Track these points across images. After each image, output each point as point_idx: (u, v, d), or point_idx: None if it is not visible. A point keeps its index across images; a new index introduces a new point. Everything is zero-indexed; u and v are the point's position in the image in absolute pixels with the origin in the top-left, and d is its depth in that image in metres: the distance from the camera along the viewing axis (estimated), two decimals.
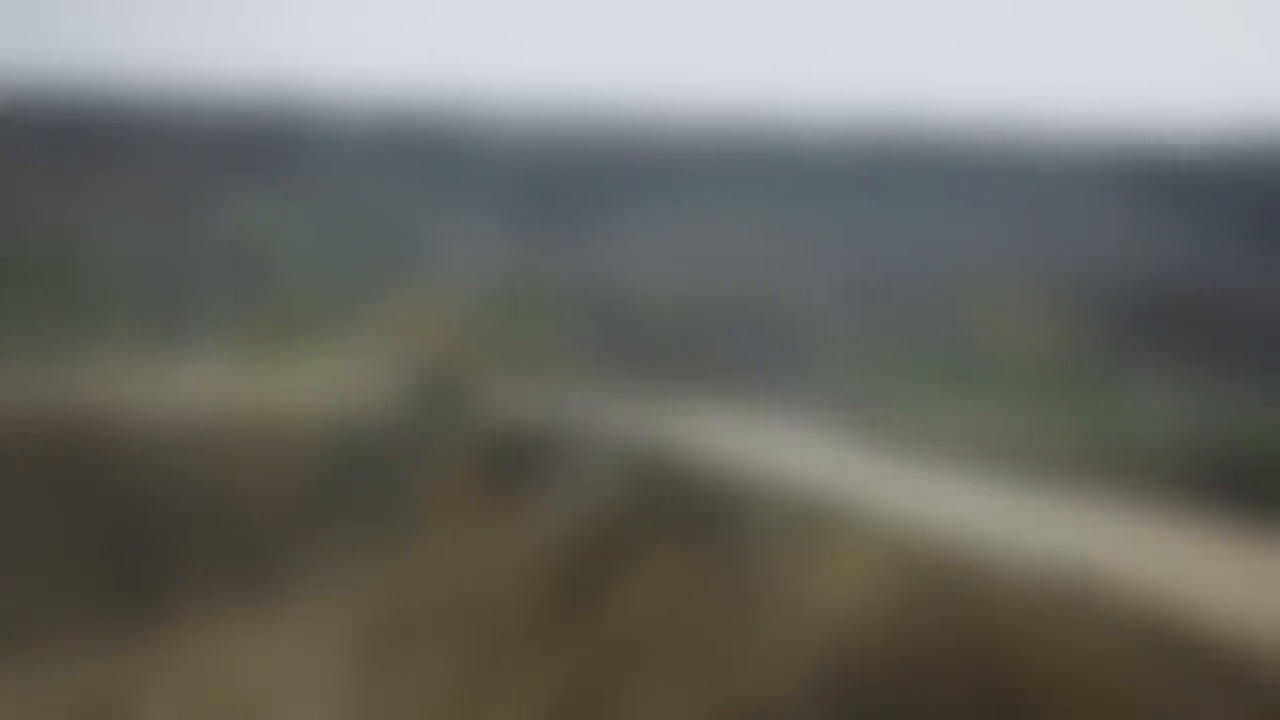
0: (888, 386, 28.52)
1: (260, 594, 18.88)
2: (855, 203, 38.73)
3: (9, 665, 17.14)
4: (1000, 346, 31.61)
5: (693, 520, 17.39)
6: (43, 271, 28.03)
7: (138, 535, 19.52)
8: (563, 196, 37.34)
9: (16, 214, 29.45)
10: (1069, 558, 16.15)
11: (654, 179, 39.10)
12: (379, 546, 19.43)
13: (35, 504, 19.96)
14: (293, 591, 19.12)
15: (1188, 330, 30.73)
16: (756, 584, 15.47)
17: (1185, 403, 27.22)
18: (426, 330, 25.79)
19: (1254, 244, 35.51)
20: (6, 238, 27.85)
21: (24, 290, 27.50)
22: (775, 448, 20.19)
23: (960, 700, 14.30)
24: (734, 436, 21.11)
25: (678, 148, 41.30)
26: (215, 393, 23.95)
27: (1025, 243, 36.88)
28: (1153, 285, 33.49)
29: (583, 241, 33.50)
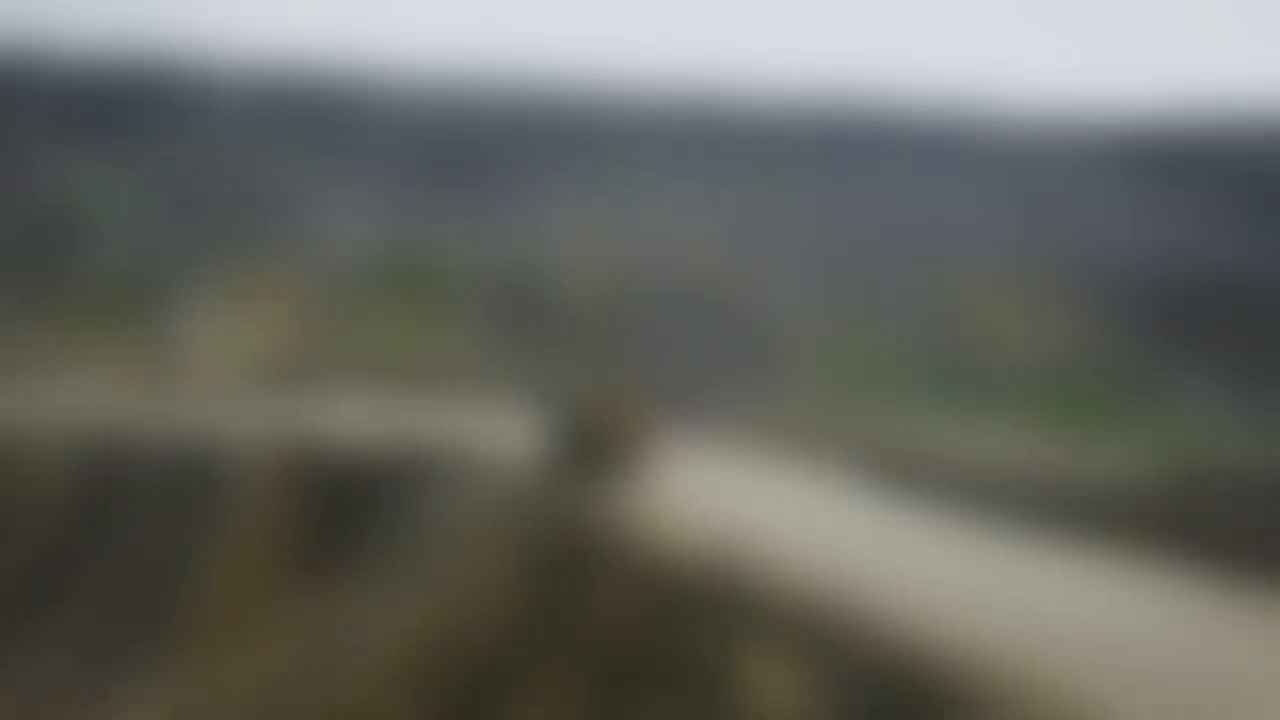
0: (881, 407, 22.72)
1: None
2: (822, 178, 33.34)
3: None
4: (1007, 349, 26.64)
5: (623, 625, 10.12)
6: None
7: None
8: (465, 170, 31.74)
9: None
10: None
11: (582, 152, 33.47)
12: (143, 648, 12.63)
13: None
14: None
15: (1226, 325, 26.22)
16: None
17: (1242, 416, 22.46)
18: (264, 320, 19.18)
19: (1260, 227, 31.26)
20: None
21: None
22: (745, 501, 13.49)
23: None
24: (682, 479, 14.42)
25: (610, 117, 36.02)
26: None
27: (1018, 226, 31.61)
28: (1175, 274, 28.80)
29: (485, 221, 27.37)
